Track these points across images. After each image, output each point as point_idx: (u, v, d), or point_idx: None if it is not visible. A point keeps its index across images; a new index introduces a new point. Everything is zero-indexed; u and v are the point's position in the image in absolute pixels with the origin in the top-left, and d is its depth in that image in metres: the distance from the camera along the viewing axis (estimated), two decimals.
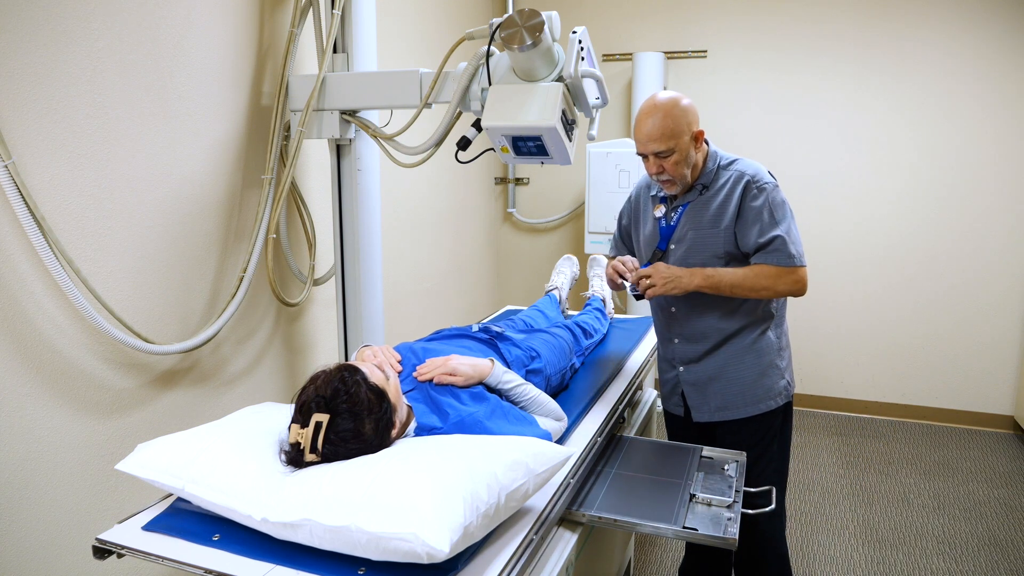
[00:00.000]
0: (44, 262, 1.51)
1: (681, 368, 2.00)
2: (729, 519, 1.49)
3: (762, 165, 1.91)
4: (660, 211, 1.98)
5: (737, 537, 1.43)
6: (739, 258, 1.86)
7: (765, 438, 1.96)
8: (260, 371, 2.29)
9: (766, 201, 1.82)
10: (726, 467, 1.73)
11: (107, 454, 1.74)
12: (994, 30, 3.56)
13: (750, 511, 1.61)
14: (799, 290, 1.84)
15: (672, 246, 1.93)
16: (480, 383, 1.58)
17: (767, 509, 1.65)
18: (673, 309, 1.98)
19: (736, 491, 1.59)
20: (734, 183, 1.85)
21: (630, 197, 2.14)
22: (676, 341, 2.00)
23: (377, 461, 1.18)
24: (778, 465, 2.02)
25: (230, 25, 2.05)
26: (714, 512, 1.53)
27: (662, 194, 1.98)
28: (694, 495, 1.58)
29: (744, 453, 1.79)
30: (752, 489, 1.79)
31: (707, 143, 1.90)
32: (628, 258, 1.96)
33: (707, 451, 1.81)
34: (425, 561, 1.03)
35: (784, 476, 2.07)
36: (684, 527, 1.45)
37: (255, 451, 1.25)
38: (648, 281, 1.85)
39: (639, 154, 1.85)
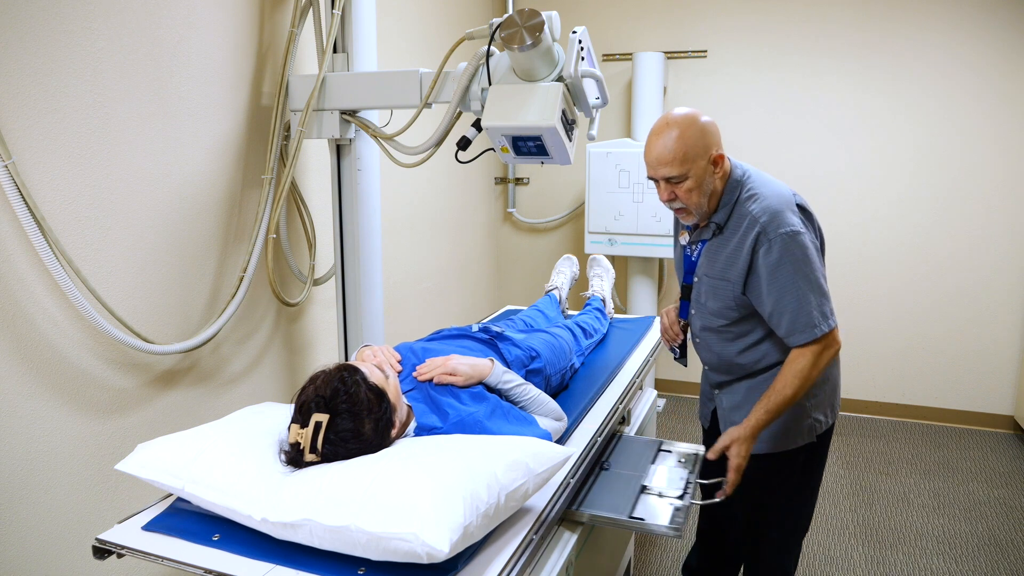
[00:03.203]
0: (44, 262, 1.51)
1: (716, 391, 1.90)
2: (677, 510, 1.52)
3: (787, 197, 1.64)
4: (684, 239, 1.81)
5: (681, 527, 1.46)
6: (755, 311, 1.69)
7: (780, 474, 1.79)
8: (260, 371, 2.29)
9: (780, 257, 1.57)
10: (682, 460, 1.75)
11: (107, 454, 1.74)
12: (994, 30, 3.56)
13: (701, 502, 1.64)
14: (834, 354, 1.67)
15: (696, 280, 1.79)
16: (480, 383, 1.58)
17: (715, 500, 1.65)
18: (697, 340, 1.87)
19: (688, 483, 1.61)
20: (747, 228, 1.61)
21: None
22: (705, 368, 1.92)
23: (377, 461, 1.18)
24: (794, 506, 1.84)
25: (230, 25, 2.05)
26: (665, 503, 1.55)
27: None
28: (646, 487, 1.61)
29: (703, 447, 1.78)
30: (704, 481, 1.74)
31: (735, 166, 1.68)
32: (672, 315, 1.91)
33: (667, 444, 1.82)
34: (425, 561, 1.03)
35: (800, 517, 1.88)
36: (630, 516, 1.49)
37: (255, 451, 1.25)
38: (735, 478, 1.66)
39: (649, 178, 1.65)
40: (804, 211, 1.65)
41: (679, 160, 1.57)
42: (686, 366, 2.00)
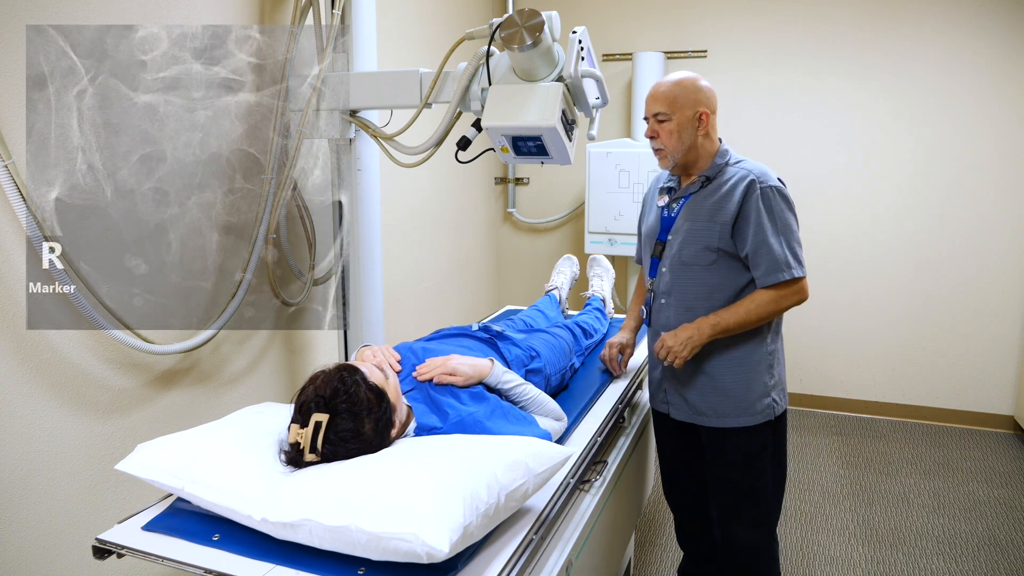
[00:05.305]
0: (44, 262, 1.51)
1: (666, 362, 1.91)
2: None
3: (769, 167, 1.86)
4: (663, 200, 1.94)
5: None
6: (732, 255, 1.80)
7: (750, 454, 1.89)
8: (260, 371, 2.29)
9: (767, 203, 1.77)
10: None
11: (107, 454, 1.74)
12: (994, 30, 3.56)
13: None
14: (800, 301, 1.81)
15: (671, 237, 1.88)
16: (480, 383, 1.58)
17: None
18: (663, 300, 1.90)
19: None
20: (738, 181, 1.80)
21: (644, 196, 2.11)
22: (663, 334, 1.91)
23: (377, 461, 1.18)
24: (763, 483, 1.91)
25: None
26: None
27: (668, 184, 1.96)
28: None
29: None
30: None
31: (721, 141, 1.88)
32: (617, 344, 2.10)
33: None
34: (425, 561, 1.03)
35: (770, 503, 1.95)
36: None
37: (255, 451, 1.25)
38: (667, 355, 1.81)
39: (644, 118, 1.86)
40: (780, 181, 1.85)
41: (667, 101, 1.80)
42: None
